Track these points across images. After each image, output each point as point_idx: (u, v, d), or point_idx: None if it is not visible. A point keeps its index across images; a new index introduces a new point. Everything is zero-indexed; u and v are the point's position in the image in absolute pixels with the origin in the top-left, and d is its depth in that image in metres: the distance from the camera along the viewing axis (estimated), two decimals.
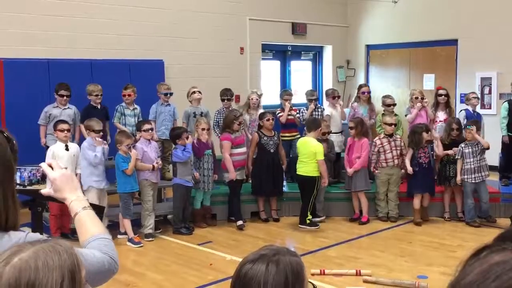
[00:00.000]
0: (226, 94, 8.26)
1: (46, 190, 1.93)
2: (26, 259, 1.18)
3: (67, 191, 1.87)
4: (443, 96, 8.23)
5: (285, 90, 9.29)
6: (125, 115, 7.71)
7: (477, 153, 7.22)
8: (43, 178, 1.97)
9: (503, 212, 7.56)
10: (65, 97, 7.39)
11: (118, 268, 1.79)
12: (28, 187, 2.03)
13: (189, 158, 6.99)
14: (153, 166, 6.84)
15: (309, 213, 7.18)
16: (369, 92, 8.75)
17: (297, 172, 7.32)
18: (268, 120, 7.60)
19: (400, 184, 7.60)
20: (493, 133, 8.40)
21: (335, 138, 8.30)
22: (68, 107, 7.47)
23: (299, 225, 7.28)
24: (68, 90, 7.40)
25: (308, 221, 7.19)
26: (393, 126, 7.53)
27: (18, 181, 1.95)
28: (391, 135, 7.47)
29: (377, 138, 7.61)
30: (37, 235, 1.74)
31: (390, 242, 6.73)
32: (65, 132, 6.57)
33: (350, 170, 7.47)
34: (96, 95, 7.55)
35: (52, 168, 1.89)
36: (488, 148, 7.29)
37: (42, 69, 8.13)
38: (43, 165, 1.91)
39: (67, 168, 1.97)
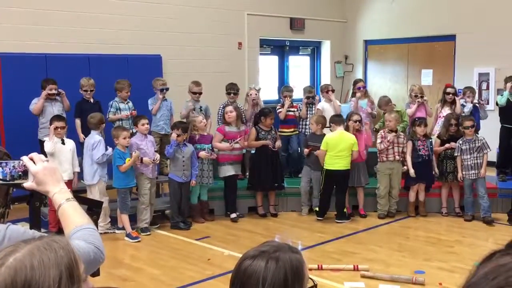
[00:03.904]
0: (232, 88, 8.25)
1: (28, 183, 1.87)
2: (21, 259, 1.16)
3: (49, 184, 1.83)
4: (450, 95, 8.16)
5: (286, 86, 9.24)
6: (121, 109, 7.66)
7: (474, 150, 7.23)
8: (25, 173, 1.93)
9: (501, 208, 7.59)
10: (55, 95, 7.40)
11: (105, 258, 1.77)
12: (11, 182, 2.00)
13: (171, 154, 6.94)
14: (153, 161, 6.85)
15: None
16: (364, 87, 8.76)
17: (333, 168, 7.14)
18: (270, 118, 7.59)
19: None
20: (491, 127, 8.38)
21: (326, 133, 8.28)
22: (56, 99, 7.46)
23: (336, 221, 7.24)
24: (55, 84, 7.38)
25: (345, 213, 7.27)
26: (394, 122, 7.46)
27: (0, 177, 1.93)
28: (395, 131, 7.44)
29: (382, 131, 7.61)
30: (18, 228, 1.71)
31: (388, 237, 6.74)
32: (58, 129, 6.60)
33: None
34: (85, 90, 7.54)
35: (34, 162, 1.85)
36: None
37: (40, 64, 8.11)
38: (25, 159, 1.86)
39: (49, 160, 1.92)
